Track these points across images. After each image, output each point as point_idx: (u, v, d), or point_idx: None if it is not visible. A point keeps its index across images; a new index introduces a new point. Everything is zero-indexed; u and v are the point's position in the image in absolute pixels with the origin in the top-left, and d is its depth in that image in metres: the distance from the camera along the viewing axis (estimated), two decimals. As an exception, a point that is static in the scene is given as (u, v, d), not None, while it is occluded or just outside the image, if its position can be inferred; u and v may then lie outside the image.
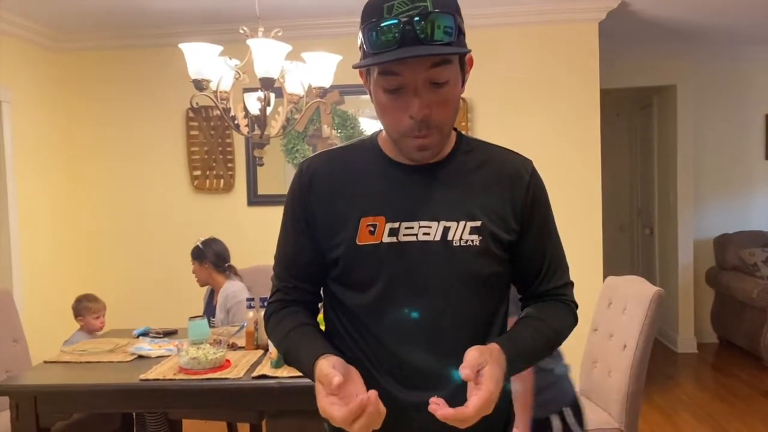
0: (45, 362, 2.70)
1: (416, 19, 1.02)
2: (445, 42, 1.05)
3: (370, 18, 1.06)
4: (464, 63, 1.14)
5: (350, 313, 1.20)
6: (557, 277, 1.28)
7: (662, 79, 5.32)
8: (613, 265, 4.58)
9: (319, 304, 1.31)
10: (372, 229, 1.15)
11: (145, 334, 3.06)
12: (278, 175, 4.25)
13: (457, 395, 1.13)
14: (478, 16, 3.95)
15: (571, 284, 1.31)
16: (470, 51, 1.11)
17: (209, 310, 3.40)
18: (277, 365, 2.35)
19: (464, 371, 1.02)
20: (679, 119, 5.29)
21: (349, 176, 1.20)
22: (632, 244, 6.58)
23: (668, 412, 3.99)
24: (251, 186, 4.29)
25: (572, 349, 3.04)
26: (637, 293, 2.56)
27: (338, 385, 1.00)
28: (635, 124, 6.44)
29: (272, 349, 2.40)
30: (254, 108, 2.72)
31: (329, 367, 1.04)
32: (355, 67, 1.12)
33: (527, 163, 1.25)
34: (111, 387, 2.39)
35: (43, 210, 4.15)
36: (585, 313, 2.96)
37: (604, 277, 3.62)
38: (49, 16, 3.88)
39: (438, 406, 1.00)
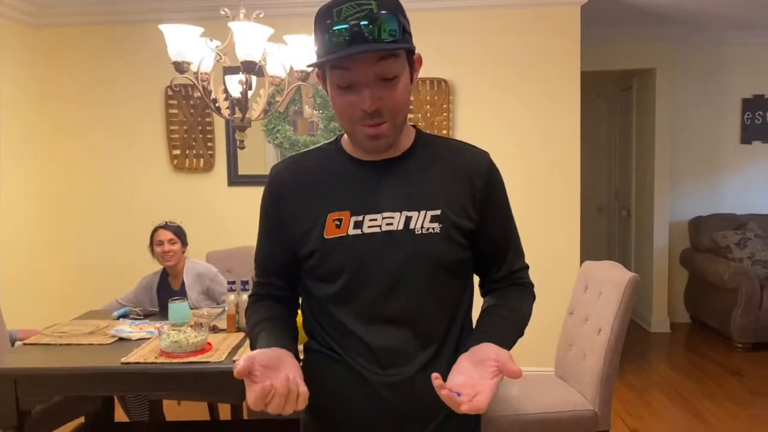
0: (24, 344, 2.69)
1: (363, 23, 1.09)
2: (391, 41, 1.12)
3: (322, 22, 1.13)
4: (413, 62, 1.21)
5: (320, 303, 1.27)
6: (516, 261, 1.36)
7: (642, 63, 5.36)
8: (590, 246, 4.66)
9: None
10: (338, 223, 1.22)
11: (125, 315, 3.06)
12: (259, 155, 4.23)
13: (425, 370, 1.21)
14: (461, -3, 3.95)
15: (527, 267, 1.38)
16: (414, 47, 1.18)
17: (165, 293, 3.19)
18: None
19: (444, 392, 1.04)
20: (657, 102, 5.35)
21: (315, 177, 1.28)
22: (609, 226, 6.67)
23: (641, 391, 4.10)
24: (231, 166, 4.27)
25: (548, 332, 3.13)
26: (613, 278, 2.61)
27: (240, 370, 1.04)
28: (614, 106, 6.49)
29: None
30: (235, 91, 2.70)
31: (247, 356, 1.08)
32: (309, 66, 1.20)
33: (484, 155, 1.31)
34: (92, 370, 2.38)
35: (21, 189, 4.10)
36: (561, 295, 3.04)
37: (582, 259, 3.69)
38: (24, -9, 3.79)
39: (443, 387, 1.04)
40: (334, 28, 1.10)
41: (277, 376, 1.06)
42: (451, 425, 1.25)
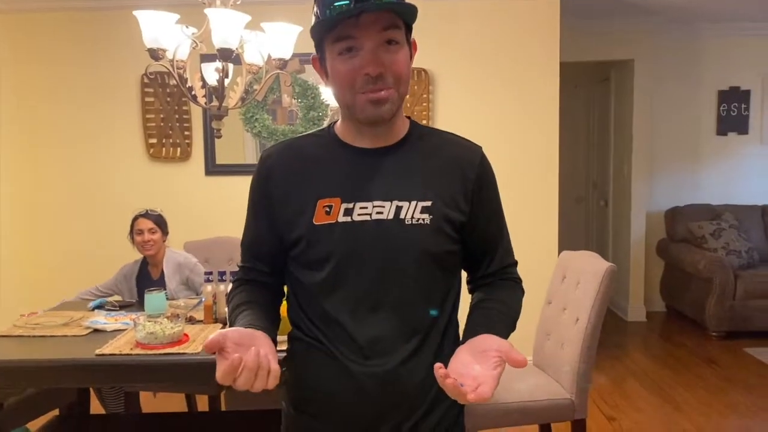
0: (-4, 336, 2.64)
1: None
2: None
3: None
4: (410, 43, 1.20)
5: (306, 291, 1.25)
6: (506, 257, 1.35)
7: (620, 54, 5.39)
8: (567, 236, 4.68)
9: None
10: (328, 209, 1.20)
11: (100, 306, 3.01)
12: (237, 144, 4.19)
13: (408, 362, 1.21)
14: (441, -14, 3.93)
15: (516, 263, 1.38)
16: (416, 10, 1.15)
17: (145, 283, 3.14)
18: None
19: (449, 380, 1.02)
20: (635, 93, 5.39)
21: (307, 162, 1.25)
22: (587, 216, 6.72)
23: (617, 380, 4.14)
24: (209, 155, 4.22)
25: (526, 321, 3.14)
26: (590, 268, 2.62)
27: (210, 343, 1.01)
28: (593, 96, 6.52)
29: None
30: (212, 79, 2.66)
31: (219, 332, 1.04)
32: (311, 29, 1.16)
33: (477, 149, 1.31)
34: (66, 362, 2.34)
35: (-8, 177, 4.02)
36: (539, 285, 3.05)
37: (560, 249, 3.71)
38: (-6, -25, 3.70)
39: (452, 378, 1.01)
40: (336, 3, 1.08)
41: (248, 352, 1.03)
42: (434, 417, 1.24)
